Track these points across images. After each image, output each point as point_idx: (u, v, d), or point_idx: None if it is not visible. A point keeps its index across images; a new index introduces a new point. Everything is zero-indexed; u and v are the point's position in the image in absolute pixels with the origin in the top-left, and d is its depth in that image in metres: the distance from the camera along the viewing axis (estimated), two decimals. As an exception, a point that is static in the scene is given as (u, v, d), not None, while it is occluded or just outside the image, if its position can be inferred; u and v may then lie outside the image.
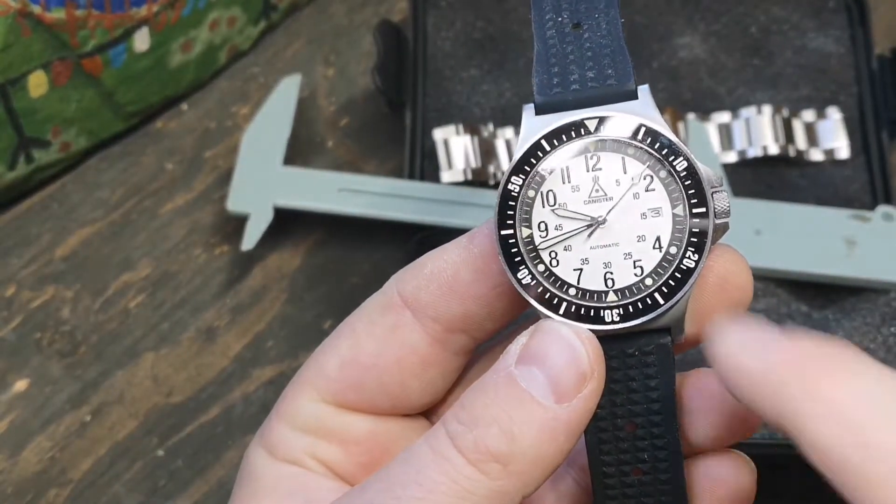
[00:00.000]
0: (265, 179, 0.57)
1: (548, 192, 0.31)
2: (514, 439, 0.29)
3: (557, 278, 0.30)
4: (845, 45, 0.64)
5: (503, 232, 0.31)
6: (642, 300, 0.30)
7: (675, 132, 0.60)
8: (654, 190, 0.30)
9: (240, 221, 0.57)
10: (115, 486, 0.53)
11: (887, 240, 0.56)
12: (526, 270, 0.30)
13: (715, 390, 0.32)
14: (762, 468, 0.33)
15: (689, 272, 0.30)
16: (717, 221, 0.30)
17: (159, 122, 0.63)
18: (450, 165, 0.58)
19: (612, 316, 0.30)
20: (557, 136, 0.31)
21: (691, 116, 0.60)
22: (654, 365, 0.31)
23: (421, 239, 0.56)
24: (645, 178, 0.30)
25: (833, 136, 0.61)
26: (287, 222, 0.58)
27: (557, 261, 0.30)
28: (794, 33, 0.64)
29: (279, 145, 0.58)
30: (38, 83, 0.55)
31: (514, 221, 0.31)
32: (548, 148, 0.31)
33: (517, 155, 0.31)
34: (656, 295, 0.30)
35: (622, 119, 0.30)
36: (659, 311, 0.30)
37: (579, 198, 0.31)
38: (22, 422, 0.54)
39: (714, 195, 0.30)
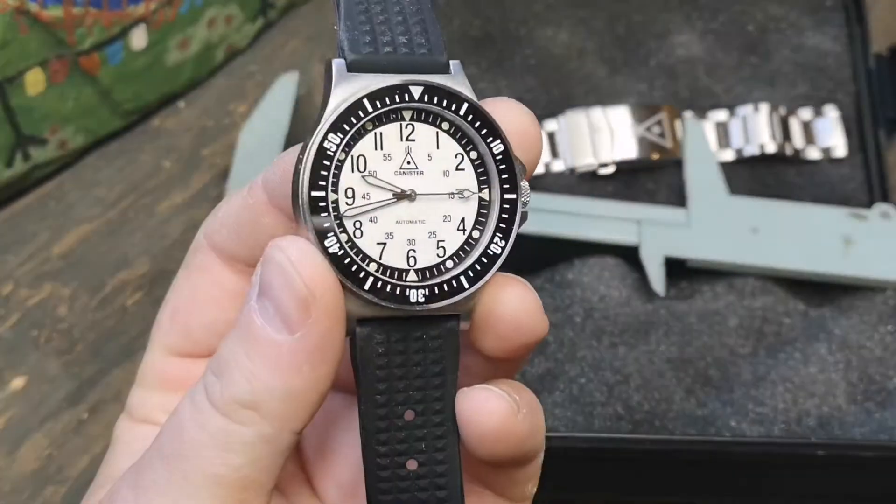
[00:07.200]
0: (262, 177, 0.57)
1: (359, 157, 0.29)
2: (255, 382, 0.28)
3: (360, 250, 0.28)
4: (842, 43, 0.64)
5: (314, 193, 0.28)
6: (448, 282, 0.29)
7: (672, 130, 0.60)
8: (463, 170, 0.29)
9: (237, 219, 0.57)
10: (113, 483, 0.53)
11: (884, 238, 0.56)
12: (334, 238, 0.28)
13: (491, 408, 0.29)
14: (756, 467, 0.33)
15: (494, 257, 0.29)
16: (523, 210, 0.29)
17: (157, 119, 0.63)
18: (447, 163, 0.58)
19: (417, 296, 0.28)
20: (380, 99, 0.29)
21: (688, 114, 0.60)
22: (440, 350, 0.29)
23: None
24: (456, 157, 0.29)
25: (830, 135, 0.61)
26: (284, 220, 0.58)
27: (362, 231, 0.29)
28: (791, 31, 0.64)
29: (277, 143, 0.58)
30: (35, 81, 0.55)
31: (326, 184, 0.28)
32: (370, 109, 0.29)
33: (335, 110, 0.28)
34: (462, 278, 0.29)
35: (446, 91, 0.29)
36: (465, 294, 0.29)
37: (390, 168, 0.29)
38: (19, 419, 0.54)
39: (521, 183, 0.29)
